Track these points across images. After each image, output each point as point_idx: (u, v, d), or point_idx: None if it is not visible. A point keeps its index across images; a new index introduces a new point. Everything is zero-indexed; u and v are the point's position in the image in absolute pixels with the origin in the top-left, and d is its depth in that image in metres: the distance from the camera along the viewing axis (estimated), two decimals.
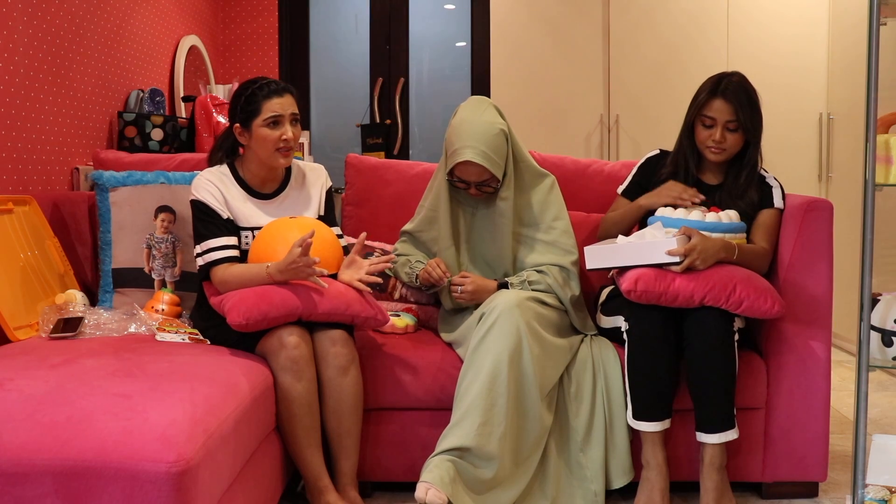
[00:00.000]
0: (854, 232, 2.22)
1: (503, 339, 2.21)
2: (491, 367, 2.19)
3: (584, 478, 2.30)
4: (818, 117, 4.59)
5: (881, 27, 1.95)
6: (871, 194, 1.96)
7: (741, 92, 2.40)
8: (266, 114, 2.31)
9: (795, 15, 4.58)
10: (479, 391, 2.18)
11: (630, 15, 4.62)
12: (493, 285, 2.47)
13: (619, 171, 2.86)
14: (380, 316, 2.27)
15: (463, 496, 2.13)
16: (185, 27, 4.34)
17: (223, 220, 2.35)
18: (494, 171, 2.40)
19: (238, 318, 2.12)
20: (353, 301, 2.24)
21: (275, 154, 2.34)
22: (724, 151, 2.45)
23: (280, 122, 2.33)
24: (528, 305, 2.30)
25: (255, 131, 2.33)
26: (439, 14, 5.38)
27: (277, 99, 2.32)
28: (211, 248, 2.31)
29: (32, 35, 2.75)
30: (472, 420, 2.16)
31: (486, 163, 2.38)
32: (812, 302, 2.36)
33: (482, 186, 2.45)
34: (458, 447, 2.15)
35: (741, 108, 2.39)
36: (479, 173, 2.41)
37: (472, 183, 2.44)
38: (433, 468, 2.11)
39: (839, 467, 2.65)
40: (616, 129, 4.63)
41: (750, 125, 2.41)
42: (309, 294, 2.19)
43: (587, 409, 2.33)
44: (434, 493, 2.05)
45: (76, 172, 3.05)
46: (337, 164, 3.18)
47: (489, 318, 2.26)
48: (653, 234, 2.31)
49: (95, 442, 1.51)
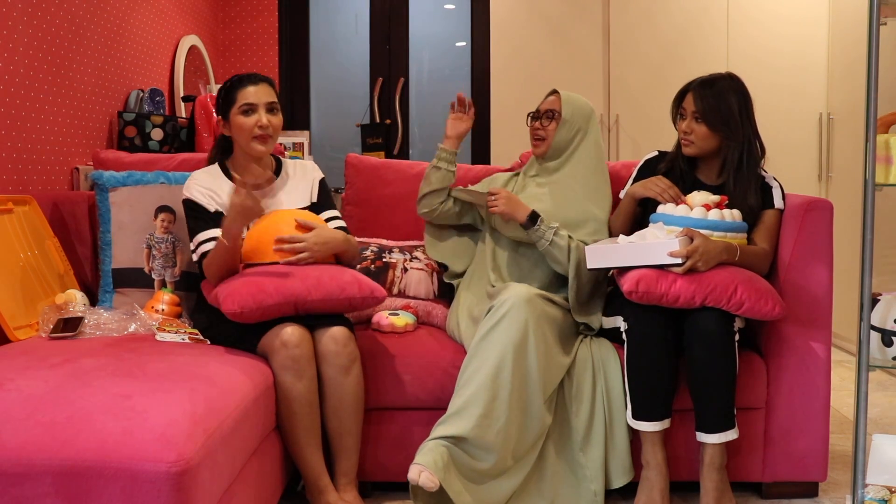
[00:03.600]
0: (854, 232, 2.22)
1: (511, 332, 2.21)
2: (496, 359, 2.20)
3: (583, 477, 2.30)
4: (818, 117, 4.59)
5: (881, 27, 1.95)
6: (871, 194, 1.96)
7: (709, 88, 2.44)
8: (240, 102, 2.40)
9: (795, 15, 4.58)
10: (483, 382, 2.18)
11: (630, 15, 4.62)
12: (525, 209, 2.49)
13: (620, 171, 2.85)
14: (377, 293, 2.27)
15: (455, 483, 2.13)
16: (185, 27, 4.34)
17: (211, 213, 2.38)
18: (565, 108, 2.60)
19: (232, 306, 2.12)
20: (346, 284, 2.23)
21: (252, 141, 2.41)
22: (693, 144, 2.47)
23: (254, 109, 2.40)
24: (537, 302, 2.30)
25: (232, 120, 2.42)
26: (439, 14, 5.38)
27: (251, 87, 2.41)
28: (200, 241, 2.35)
29: (32, 35, 2.75)
30: (473, 411, 2.17)
31: (565, 96, 2.63)
32: (812, 302, 2.36)
33: (544, 119, 2.63)
34: (454, 436, 2.16)
35: (703, 101, 2.43)
36: (551, 102, 2.65)
37: (541, 113, 2.64)
38: (427, 452, 2.12)
39: (839, 467, 2.65)
40: (616, 129, 4.63)
41: (717, 121, 2.42)
42: (302, 281, 2.19)
43: (587, 408, 2.33)
44: (427, 475, 2.06)
45: (76, 172, 3.05)
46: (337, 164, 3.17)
47: (499, 311, 2.26)
48: (654, 235, 2.31)
49: (95, 442, 1.51)
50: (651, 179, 2.51)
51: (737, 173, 2.45)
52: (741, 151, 2.44)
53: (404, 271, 2.75)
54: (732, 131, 2.43)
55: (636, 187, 2.54)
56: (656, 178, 2.50)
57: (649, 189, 2.49)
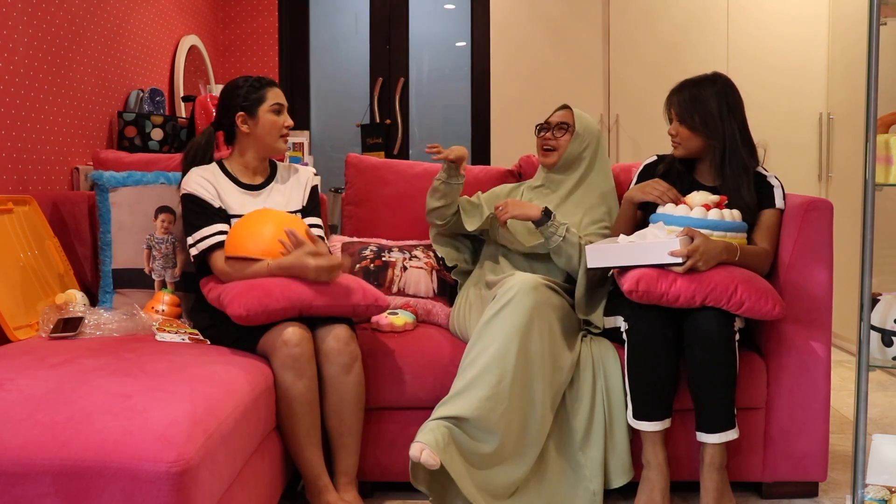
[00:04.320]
0: (854, 232, 2.22)
1: (516, 317, 2.22)
2: (501, 343, 2.20)
3: (583, 477, 2.30)
4: (818, 117, 4.59)
5: (881, 27, 1.95)
6: (871, 194, 1.96)
7: (687, 90, 2.48)
8: (272, 101, 2.47)
9: (795, 15, 4.58)
10: (487, 365, 2.19)
11: (630, 15, 4.62)
12: (536, 207, 2.49)
13: (618, 175, 2.86)
14: (380, 302, 2.30)
15: (457, 465, 2.14)
16: (185, 27, 4.34)
17: (215, 208, 2.40)
18: (578, 122, 2.67)
19: (239, 309, 2.13)
20: (352, 291, 2.25)
21: (279, 140, 2.50)
22: (680, 146, 2.51)
23: (282, 110, 2.49)
24: (543, 290, 2.30)
25: (261, 117, 2.46)
26: (439, 14, 5.38)
27: (277, 89, 2.51)
28: (205, 235, 2.35)
29: (32, 35, 2.75)
30: (476, 392, 2.17)
31: (577, 112, 2.71)
32: (812, 302, 2.36)
33: (556, 130, 2.68)
34: (456, 416, 2.16)
35: (680, 104, 2.48)
36: (563, 115, 2.72)
37: (553, 125, 2.69)
38: (428, 431, 2.13)
39: (839, 467, 2.65)
40: (616, 129, 4.63)
41: (696, 122, 2.44)
42: (308, 286, 2.21)
43: (587, 408, 2.33)
44: (429, 453, 2.07)
45: (76, 172, 3.05)
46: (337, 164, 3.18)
47: (504, 297, 2.26)
48: (654, 234, 2.31)
49: (95, 442, 1.51)
50: (649, 182, 2.51)
51: (722, 171, 2.46)
52: (723, 150, 2.45)
53: (403, 270, 2.75)
54: (712, 130, 2.45)
55: (634, 191, 2.54)
56: (654, 181, 2.50)
57: (648, 193, 2.48)
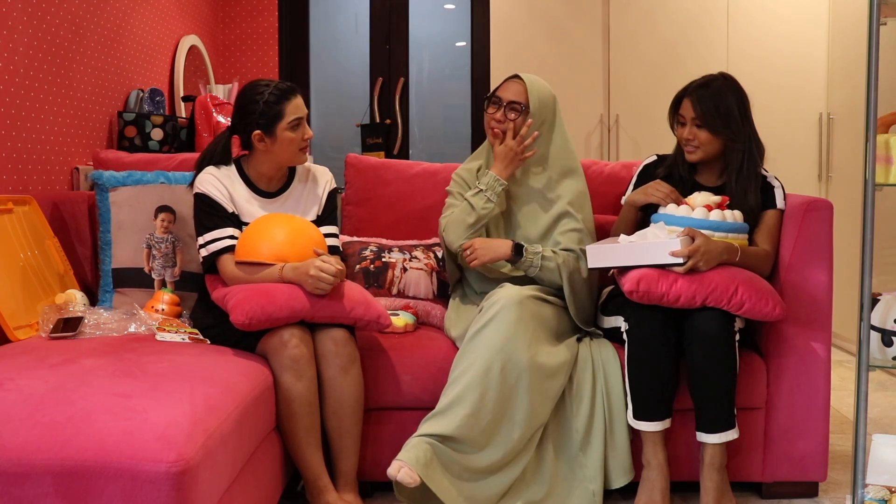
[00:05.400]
0: (854, 232, 2.22)
1: (499, 333, 2.21)
2: (484, 359, 2.20)
3: (583, 477, 2.30)
4: (818, 117, 4.59)
5: (881, 27, 1.95)
6: (871, 194, 1.96)
7: (706, 91, 2.42)
8: (290, 117, 2.36)
9: (795, 15, 4.58)
10: (471, 382, 2.18)
11: (630, 15, 4.62)
12: (505, 244, 2.43)
13: (620, 171, 2.85)
14: (382, 320, 2.28)
15: (441, 479, 2.14)
16: (185, 27, 4.34)
17: (228, 213, 2.38)
18: (532, 99, 2.48)
19: (241, 317, 2.13)
20: (356, 304, 2.24)
21: (299, 154, 2.42)
22: (698, 150, 2.46)
23: (301, 123, 2.39)
24: (528, 304, 2.30)
25: (279, 135, 2.36)
26: (439, 14, 5.38)
27: (295, 101, 2.38)
28: (216, 238, 2.34)
29: (32, 35, 2.75)
30: (459, 410, 2.17)
31: (530, 85, 2.49)
32: (812, 302, 2.36)
33: (507, 110, 2.49)
34: (439, 434, 2.16)
35: (701, 105, 2.41)
36: (516, 92, 2.50)
37: (505, 102, 2.50)
38: (410, 448, 2.13)
39: (839, 467, 2.65)
40: (616, 129, 4.63)
41: (718, 124, 2.41)
42: (313, 296, 2.20)
43: (587, 408, 2.33)
44: (406, 471, 2.07)
45: (76, 172, 3.05)
46: (337, 164, 3.17)
47: (489, 312, 2.26)
48: (655, 234, 2.31)
49: (95, 442, 1.51)
50: (651, 185, 2.50)
51: (738, 174, 2.45)
52: (743, 152, 2.44)
53: (404, 271, 2.75)
54: (735, 132, 2.42)
55: (636, 195, 2.52)
56: (655, 183, 2.49)
57: (651, 195, 2.47)
